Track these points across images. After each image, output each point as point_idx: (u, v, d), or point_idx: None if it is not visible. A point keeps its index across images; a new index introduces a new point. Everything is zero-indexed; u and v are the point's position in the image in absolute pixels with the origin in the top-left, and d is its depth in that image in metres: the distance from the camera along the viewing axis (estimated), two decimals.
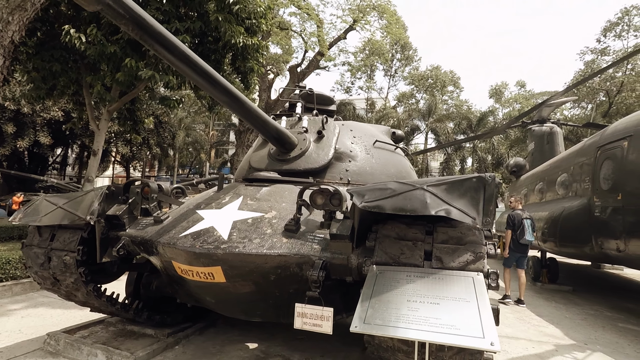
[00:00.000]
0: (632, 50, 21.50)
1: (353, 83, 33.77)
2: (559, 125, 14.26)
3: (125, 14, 1.89)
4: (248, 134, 21.85)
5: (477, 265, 1.97)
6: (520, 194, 11.91)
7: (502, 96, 34.39)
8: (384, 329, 1.63)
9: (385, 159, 4.25)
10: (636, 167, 4.86)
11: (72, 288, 3.01)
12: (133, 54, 8.21)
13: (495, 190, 2.01)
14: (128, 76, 8.21)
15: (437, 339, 1.55)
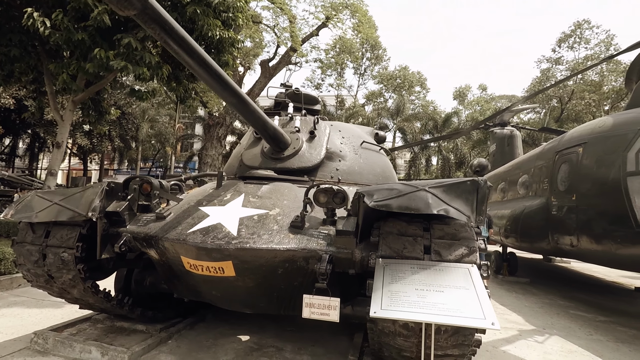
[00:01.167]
0: (594, 62, 23.35)
1: (323, 80, 34.07)
2: (518, 129, 15.24)
3: (156, 20, 1.95)
4: (217, 128, 21.46)
5: (470, 258, 2.23)
6: None
7: (466, 98, 36.08)
8: (401, 314, 1.85)
9: (372, 159, 4.49)
10: (589, 171, 5.43)
11: (68, 285, 2.98)
12: (102, 43, 7.91)
13: (487, 192, 2.27)
14: (98, 66, 7.90)
15: (447, 321, 1.78)
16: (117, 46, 8.19)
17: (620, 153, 4.84)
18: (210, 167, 21.36)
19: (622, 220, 4.63)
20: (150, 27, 2.02)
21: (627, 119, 5.09)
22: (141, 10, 1.85)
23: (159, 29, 2.03)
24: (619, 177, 4.76)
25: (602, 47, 23.19)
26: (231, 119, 22.15)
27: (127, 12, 1.83)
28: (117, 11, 1.84)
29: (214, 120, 21.81)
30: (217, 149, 22.09)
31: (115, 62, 7.71)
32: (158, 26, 2.01)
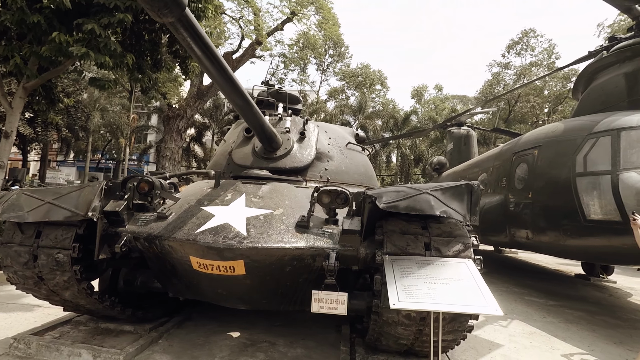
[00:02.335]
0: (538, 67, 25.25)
1: (286, 75, 33.85)
2: (473, 129, 16.24)
3: (188, 28, 1.99)
4: (178, 121, 20.70)
5: (466, 253, 2.50)
6: None
7: (422, 97, 37.58)
8: (418, 304, 2.05)
9: (356, 160, 4.69)
10: (543, 171, 6.03)
11: (61, 287, 2.88)
12: (61, 27, 7.42)
13: (479, 194, 2.55)
14: (55, 51, 7.41)
15: (458, 309, 2.02)
16: (77, 31, 7.69)
17: (570, 156, 5.44)
18: (169, 161, 20.59)
19: (572, 215, 5.23)
20: (180, 34, 2.04)
21: (576, 125, 5.71)
22: (177, 19, 1.88)
23: (189, 36, 2.06)
24: (569, 177, 5.36)
25: (545, 55, 25.29)
26: (192, 111, 21.43)
27: (165, 20, 1.85)
28: (155, 18, 1.85)
29: (174, 112, 20.98)
30: (177, 142, 21.29)
31: (75, 48, 7.27)
32: (189, 34, 2.05)
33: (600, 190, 4.84)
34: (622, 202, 4.49)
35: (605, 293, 7.41)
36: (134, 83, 12.20)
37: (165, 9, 1.81)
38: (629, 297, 7.16)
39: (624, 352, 4.11)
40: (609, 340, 4.49)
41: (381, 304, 2.51)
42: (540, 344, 4.30)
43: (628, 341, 4.50)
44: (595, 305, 6.26)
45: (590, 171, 5.05)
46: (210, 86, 21.03)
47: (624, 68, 5.44)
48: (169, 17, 1.86)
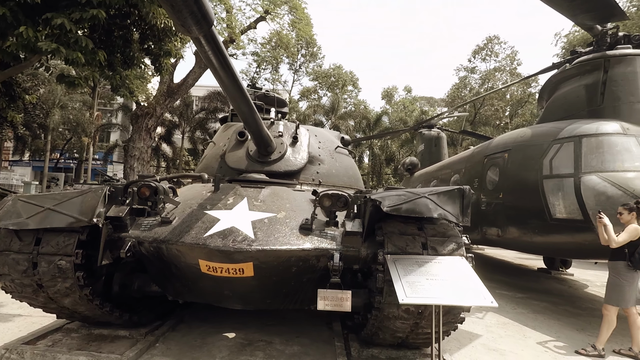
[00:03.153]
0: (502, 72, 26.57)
1: (258, 74, 33.62)
2: (442, 131, 16.92)
3: (212, 44, 2.08)
4: (147, 119, 20.09)
5: (459, 252, 2.74)
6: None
7: (392, 98, 38.48)
8: (424, 299, 2.25)
9: (345, 163, 4.87)
10: (513, 173, 6.49)
11: (62, 294, 2.85)
12: (27, 21, 7.11)
13: (470, 198, 2.79)
14: (22, 46, 7.10)
15: (459, 303, 2.24)
16: (44, 26, 7.38)
17: (537, 160, 5.91)
18: (138, 161, 19.95)
19: (539, 214, 5.68)
20: (203, 47, 2.12)
21: (542, 131, 6.21)
22: (204, 35, 1.97)
23: (211, 49, 2.15)
24: (536, 179, 5.82)
25: (508, 61, 26.77)
26: (162, 110, 20.87)
27: (192, 35, 1.93)
28: (183, 33, 1.93)
29: (143, 111, 20.34)
30: (146, 141, 20.64)
31: (44, 43, 7.00)
32: (211, 47, 2.14)
33: (564, 191, 5.30)
34: (583, 202, 4.97)
35: (565, 285, 8.06)
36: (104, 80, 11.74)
37: (196, 25, 1.89)
38: (586, 288, 7.84)
39: (586, 338, 4.56)
40: (572, 328, 4.95)
41: (383, 300, 2.70)
42: (514, 333, 4.68)
43: (588, 328, 4.98)
44: (558, 296, 6.82)
45: (556, 174, 5.52)
46: (181, 84, 20.55)
47: (584, 80, 5.98)
48: (197, 33, 1.95)
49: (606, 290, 4.07)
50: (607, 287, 4.05)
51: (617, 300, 3.88)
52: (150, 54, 10.61)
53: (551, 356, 3.98)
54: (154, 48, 10.40)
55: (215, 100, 26.09)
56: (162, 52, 10.56)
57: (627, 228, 3.81)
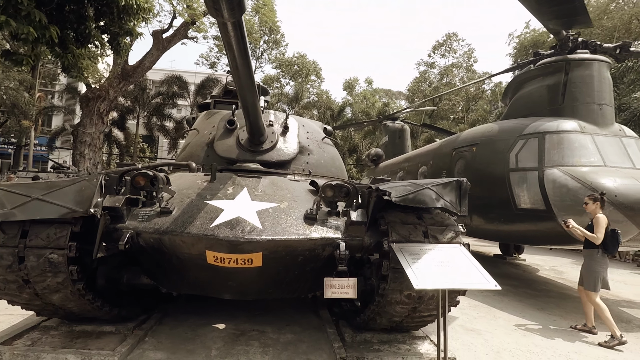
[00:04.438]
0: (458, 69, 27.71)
1: (219, 58, 32.45)
2: (405, 124, 17.47)
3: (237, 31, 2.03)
4: (99, 102, 18.80)
5: (458, 239, 2.92)
6: None
7: (354, 90, 38.92)
8: (437, 284, 2.39)
9: (331, 153, 4.93)
10: (481, 166, 6.91)
11: (51, 290, 2.66)
12: None
13: (467, 189, 2.97)
14: None
15: (468, 286, 2.41)
16: None
17: (504, 153, 6.34)
18: (89, 147, 18.68)
19: (505, 204, 6.13)
20: (227, 33, 2.05)
21: (509, 127, 6.65)
22: (234, 22, 1.92)
23: (235, 36, 2.09)
24: (503, 172, 6.26)
25: (465, 58, 28.09)
26: (116, 93, 19.61)
27: (223, 20, 1.86)
28: (214, 17, 1.85)
29: (94, 93, 18.99)
30: (97, 126, 19.34)
31: None
32: (235, 34, 2.07)
33: (529, 183, 5.76)
34: (546, 193, 5.43)
35: (520, 269, 8.78)
36: (54, 59, 10.77)
37: (229, 11, 1.82)
38: (538, 272, 8.60)
39: (547, 316, 5.05)
40: (533, 307, 5.45)
41: (387, 286, 2.82)
42: (485, 314, 5.07)
43: (546, 307, 5.51)
44: (516, 279, 7.42)
45: (521, 167, 5.97)
46: (137, 66, 19.36)
47: (547, 81, 6.47)
48: (228, 18, 1.87)
49: (585, 278, 4.33)
50: (584, 275, 4.34)
51: (597, 286, 4.19)
52: (108, 33, 9.92)
53: (520, 334, 4.37)
54: (112, 26, 9.73)
55: (173, 85, 24.88)
56: (122, 31, 9.90)
57: (598, 222, 4.17)
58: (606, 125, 5.93)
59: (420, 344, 3.59)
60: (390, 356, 3.28)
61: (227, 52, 2.32)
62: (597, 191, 4.87)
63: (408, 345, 3.54)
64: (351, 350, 3.37)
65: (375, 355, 3.28)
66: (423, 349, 3.46)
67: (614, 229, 4.24)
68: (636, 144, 5.90)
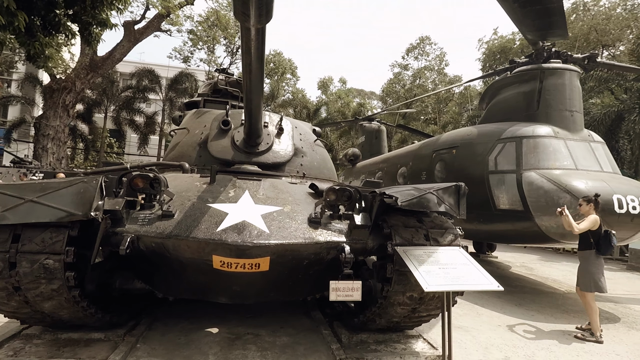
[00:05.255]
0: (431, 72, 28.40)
1: (192, 53, 31.61)
2: (381, 124, 17.76)
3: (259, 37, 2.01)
4: (64, 94, 17.86)
5: (457, 242, 3.03)
6: (359, 179, 14.50)
7: (328, 89, 39.06)
8: (445, 286, 2.46)
9: (322, 155, 4.95)
10: (461, 168, 7.14)
11: (45, 297, 2.52)
12: None
13: (465, 193, 3.09)
14: None
15: (474, 288, 2.51)
16: None
17: (484, 156, 6.60)
18: (52, 141, 17.72)
19: (485, 205, 6.39)
20: (249, 36, 2.02)
21: (487, 131, 6.93)
22: (258, 28, 1.90)
23: (256, 40, 2.05)
24: (483, 174, 6.52)
25: (437, 61, 28.91)
26: (83, 85, 18.69)
27: (250, 25, 1.84)
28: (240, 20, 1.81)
29: (60, 84, 18.02)
30: (62, 119, 18.39)
31: None
32: (257, 38, 2.04)
33: (508, 185, 6.04)
34: (524, 195, 5.72)
35: (494, 266, 9.19)
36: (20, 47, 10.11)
37: (257, 17, 1.79)
38: (510, 269, 9.03)
39: (525, 311, 5.33)
40: (512, 304, 5.73)
41: (391, 288, 2.88)
42: (469, 311, 5.27)
43: (523, 303, 5.81)
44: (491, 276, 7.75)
45: (500, 170, 6.24)
46: (107, 58, 18.52)
47: (523, 88, 6.81)
48: (255, 24, 1.85)
49: (580, 279, 4.45)
50: (580, 276, 4.45)
51: (591, 286, 4.31)
52: (79, 22, 9.44)
53: (504, 329, 4.58)
54: (84, 15, 9.28)
55: (144, 78, 23.94)
56: (94, 21, 9.46)
57: (588, 218, 4.34)
58: (577, 130, 6.32)
59: (415, 342, 3.69)
60: (388, 356, 3.35)
61: (243, 54, 2.28)
62: (571, 192, 5.19)
63: (403, 345, 3.63)
64: (349, 351, 3.41)
65: (374, 355, 3.35)
66: (418, 348, 3.56)
67: (607, 230, 4.35)
68: (602, 149, 6.33)
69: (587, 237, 4.37)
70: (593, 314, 4.29)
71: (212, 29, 29.16)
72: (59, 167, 17.19)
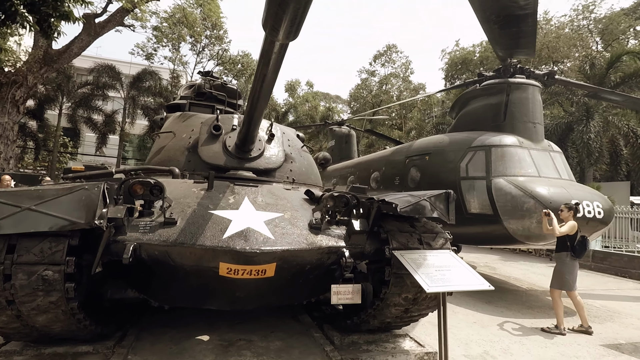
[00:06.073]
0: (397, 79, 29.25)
1: (156, 50, 30.46)
2: (351, 129, 18.11)
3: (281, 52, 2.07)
4: (14, 89, 16.68)
5: (447, 245, 3.23)
6: (330, 182, 14.70)
7: (295, 92, 39.14)
8: (444, 287, 2.63)
9: (309, 161, 5.04)
10: (434, 174, 7.51)
11: (40, 310, 2.41)
12: None
13: (454, 200, 3.31)
14: None
15: (468, 287, 2.70)
16: None
17: (456, 163, 6.99)
18: (0, 139, 16.44)
19: (456, 209, 6.73)
20: (272, 49, 2.06)
21: (458, 139, 7.35)
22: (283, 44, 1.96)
23: (277, 52, 2.11)
24: (455, 179, 6.90)
25: (403, 68, 29.95)
26: (35, 79, 17.53)
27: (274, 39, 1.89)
28: (267, 32, 1.86)
29: (9, 78, 16.79)
30: (12, 115, 17.16)
31: None
32: (279, 51, 2.09)
33: (478, 191, 6.44)
34: (493, 200, 6.13)
35: None
36: None
37: (286, 33, 1.84)
38: (475, 269, 9.52)
39: (495, 308, 5.72)
40: (482, 301, 6.11)
41: (389, 290, 3.03)
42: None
43: (492, 300, 6.21)
44: None
45: (471, 176, 6.64)
46: (63, 51, 17.47)
47: (490, 100, 7.29)
48: (281, 39, 1.90)
49: (554, 279, 4.87)
50: (554, 276, 4.87)
51: (561, 284, 4.75)
52: (37, 13, 8.91)
53: (479, 326, 4.91)
54: (43, 6, 8.78)
55: (104, 74, 22.74)
56: (56, 13, 8.98)
57: (568, 223, 4.77)
58: (539, 141, 6.88)
59: (402, 341, 3.87)
60: (380, 355, 3.50)
61: (261, 64, 2.32)
62: (535, 198, 5.65)
63: (392, 344, 3.80)
64: (343, 352, 3.53)
65: (368, 355, 3.48)
66: (407, 346, 3.75)
67: (583, 236, 4.81)
68: (560, 158, 6.93)
69: (565, 240, 4.79)
70: (559, 309, 4.72)
71: (177, 26, 28.33)
72: (7, 167, 15.94)
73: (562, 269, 4.80)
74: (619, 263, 9.13)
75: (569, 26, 20.16)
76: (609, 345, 4.43)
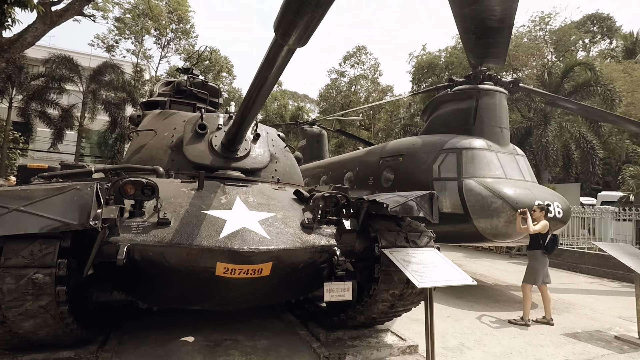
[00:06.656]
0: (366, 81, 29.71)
1: (118, 42, 29.06)
2: (322, 129, 18.25)
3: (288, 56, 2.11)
4: None
5: (431, 243, 3.41)
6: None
7: None
8: (433, 283, 2.78)
9: (292, 161, 5.09)
10: (407, 174, 7.78)
11: (28, 315, 2.30)
12: None
13: (437, 200, 3.50)
14: None
15: (454, 283, 2.87)
16: None
17: (429, 164, 7.30)
18: None
19: None
20: (279, 53, 2.10)
21: (431, 142, 7.67)
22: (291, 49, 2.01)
23: (283, 56, 2.14)
24: (428, 180, 7.20)
25: (372, 70, 30.56)
26: None
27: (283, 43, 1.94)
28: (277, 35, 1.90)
29: None
30: None
31: None
32: (286, 55, 2.13)
33: (450, 191, 6.77)
34: (464, 200, 6.47)
35: None
36: None
37: (296, 38, 1.89)
38: None
39: (465, 303, 6.04)
40: (453, 297, 6.43)
41: (378, 287, 3.16)
42: (421, 305, 5.79)
43: (462, 295, 6.55)
44: None
45: (443, 177, 6.96)
46: (15, 40, 16.28)
47: (461, 105, 7.67)
48: (291, 44, 1.94)
49: (526, 275, 5.19)
50: (527, 272, 5.19)
51: (533, 279, 5.09)
52: None
53: (453, 319, 5.18)
54: None
55: (61, 67, 21.38)
56: (15, 2, 8.46)
57: (541, 222, 5.13)
58: (505, 144, 7.33)
59: (385, 336, 4.03)
60: (365, 349, 3.63)
61: (264, 66, 2.34)
62: (503, 198, 6.03)
63: (375, 339, 3.94)
64: (329, 348, 3.63)
65: (354, 350, 3.60)
66: (389, 340, 3.91)
67: (554, 234, 5.19)
68: (524, 161, 7.43)
69: (537, 238, 5.15)
70: (528, 303, 5.11)
71: (141, 18, 27.20)
72: None
73: (535, 265, 5.16)
74: (571, 259, 9.89)
75: (527, 36, 21.49)
76: (568, 334, 4.83)
